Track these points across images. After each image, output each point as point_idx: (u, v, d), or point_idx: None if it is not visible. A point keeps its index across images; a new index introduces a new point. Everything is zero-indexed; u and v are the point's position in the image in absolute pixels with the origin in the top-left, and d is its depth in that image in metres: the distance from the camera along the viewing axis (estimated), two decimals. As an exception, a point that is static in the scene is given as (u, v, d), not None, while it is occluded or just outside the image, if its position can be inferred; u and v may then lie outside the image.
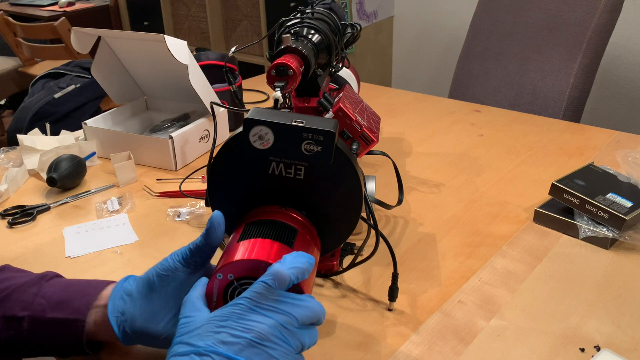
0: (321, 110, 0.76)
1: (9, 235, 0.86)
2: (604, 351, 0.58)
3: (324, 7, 0.83)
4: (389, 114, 1.31)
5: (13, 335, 0.55)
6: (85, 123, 1.10)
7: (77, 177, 0.99)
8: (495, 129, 1.19)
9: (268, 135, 0.53)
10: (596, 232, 0.77)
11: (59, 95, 1.95)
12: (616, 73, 2.08)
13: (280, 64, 0.66)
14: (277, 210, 0.56)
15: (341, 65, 0.87)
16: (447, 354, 0.60)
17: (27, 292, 0.57)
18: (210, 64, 1.17)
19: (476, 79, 1.73)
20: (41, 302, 0.56)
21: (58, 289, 0.58)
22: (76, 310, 0.55)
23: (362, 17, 2.49)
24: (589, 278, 0.71)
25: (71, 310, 0.55)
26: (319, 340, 0.61)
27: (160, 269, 0.55)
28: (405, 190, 0.94)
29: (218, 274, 0.49)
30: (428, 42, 2.63)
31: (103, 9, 3.52)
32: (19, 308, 0.56)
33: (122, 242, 0.83)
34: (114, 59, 1.18)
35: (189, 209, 0.89)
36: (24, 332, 0.55)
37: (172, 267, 0.55)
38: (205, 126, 1.11)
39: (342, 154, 0.54)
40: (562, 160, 1.03)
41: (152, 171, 1.05)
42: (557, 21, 1.55)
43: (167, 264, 0.55)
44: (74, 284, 0.59)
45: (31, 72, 2.82)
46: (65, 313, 0.55)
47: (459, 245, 0.79)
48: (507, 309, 0.66)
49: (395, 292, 0.65)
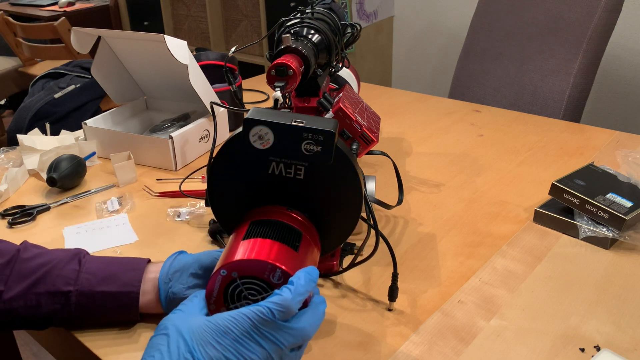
0: (321, 110, 0.76)
1: (9, 235, 0.86)
2: (604, 351, 0.58)
3: (324, 7, 0.83)
4: (389, 114, 1.31)
5: (59, 308, 0.60)
6: (85, 123, 1.10)
7: (77, 177, 0.99)
8: (495, 129, 1.19)
9: (268, 135, 0.53)
10: (596, 232, 0.77)
11: (59, 95, 1.95)
12: (616, 73, 2.08)
13: (280, 64, 0.66)
14: (278, 210, 0.56)
15: (341, 65, 0.87)
16: (447, 354, 0.60)
17: (66, 268, 0.61)
18: (210, 64, 1.17)
19: (476, 79, 1.73)
20: (87, 277, 0.61)
21: (100, 265, 0.62)
22: (128, 284, 0.61)
23: (362, 17, 2.49)
24: (589, 278, 0.71)
25: (122, 283, 0.61)
26: (319, 340, 0.62)
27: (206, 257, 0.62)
28: (405, 190, 0.94)
29: (222, 270, 0.49)
30: (428, 42, 2.63)
31: (103, 9, 3.52)
32: (62, 283, 0.60)
33: (122, 242, 0.83)
34: (114, 59, 1.18)
35: (189, 209, 0.89)
36: (72, 305, 0.60)
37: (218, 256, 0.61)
38: (205, 126, 1.11)
39: (342, 154, 0.54)
40: (562, 160, 1.03)
41: (152, 171, 1.05)
42: (557, 21, 1.55)
43: (214, 254, 0.62)
44: (115, 261, 0.64)
45: (31, 72, 2.82)
46: (116, 287, 0.61)
47: (459, 245, 0.79)
48: (507, 309, 0.66)
49: (395, 292, 0.65)
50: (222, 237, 0.81)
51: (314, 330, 0.49)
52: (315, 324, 0.49)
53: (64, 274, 0.60)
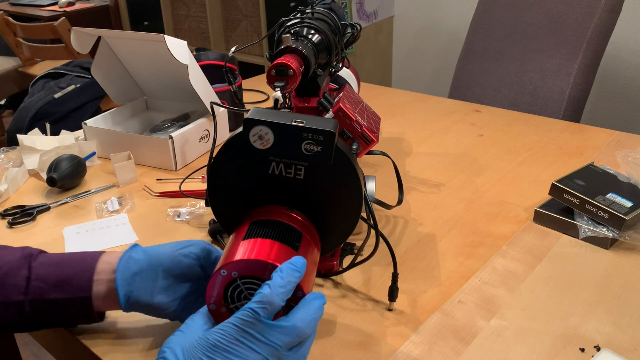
0: (321, 110, 0.76)
1: (9, 235, 0.86)
2: (604, 351, 0.58)
3: (324, 7, 0.83)
4: (389, 114, 1.31)
5: (16, 317, 0.58)
6: (85, 123, 1.10)
7: (77, 177, 0.99)
8: (495, 129, 1.19)
9: (268, 135, 0.53)
10: (596, 232, 0.77)
11: (59, 95, 1.95)
12: (616, 73, 2.08)
13: (280, 64, 0.66)
14: (278, 210, 0.56)
15: (341, 65, 0.87)
16: (447, 354, 0.60)
17: (17, 276, 0.58)
18: (210, 64, 1.17)
19: (476, 79, 1.73)
20: (38, 285, 0.58)
21: (51, 269, 0.59)
22: (78, 289, 0.58)
23: (362, 17, 2.49)
24: (589, 278, 0.71)
25: (73, 289, 0.58)
26: (319, 340, 0.61)
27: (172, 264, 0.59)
28: (405, 190, 0.94)
29: (222, 270, 0.49)
30: (428, 42, 2.63)
31: (103, 9, 3.52)
32: (14, 293, 0.58)
33: (122, 242, 0.83)
34: (114, 59, 1.18)
35: (189, 209, 0.89)
36: (27, 314, 0.58)
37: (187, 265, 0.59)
38: (205, 126, 1.11)
39: (342, 154, 0.54)
40: (562, 160, 1.03)
41: (152, 171, 1.05)
42: (557, 21, 1.55)
43: (182, 263, 0.59)
44: (65, 262, 0.60)
45: (31, 72, 2.82)
46: (68, 293, 0.58)
47: (459, 245, 0.79)
48: (507, 309, 0.66)
49: (395, 292, 0.65)
50: (222, 237, 0.81)
51: (309, 326, 0.48)
52: (308, 320, 0.48)
53: (15, 282, 0.58)
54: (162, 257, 0.59)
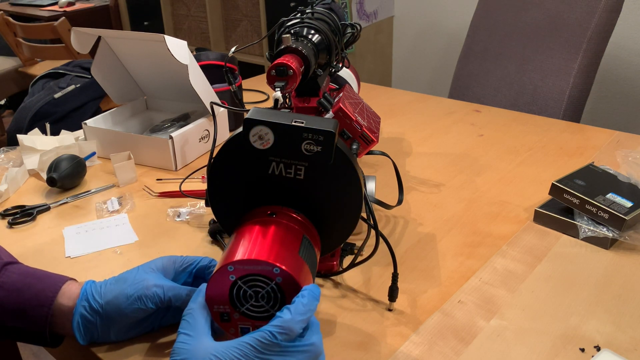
0: (321, 110, 0.76)
1: (9, 235, 0.86)
2: (604, 351, 0.58)
3: (324, 7, 0.83)
4: (389, 114, 1.31)
5: None
6: (85, 123, 1.10)
7: (77, 177, 0.99)
8: (495, 129, 1.19)
9: (268, 135, 0.53)
10: (596, 232, 0.77)
11: (59, 95, 1.95)
12: (616, 73, 2.08)
13: (280, 64, 0.66)
14: (279, 210, 0.56)
15: (341, 65, 0.87)
16: (447, 354, 0.60)
17: None
18: (210, 64, 1.17)
19: (476, 79, 1.73)
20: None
21: (8, 293, 0.59)
22: (33, 323, 0.58)
23: (362, 17, 2.49)
24: (589, 278, 0.71)
25: (29, 322, 0.58)
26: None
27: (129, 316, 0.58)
28: (405, 190, 0.94)
29: (229, 266, 0.49)
30: (428, 42, 2.63)
31: (103, 9, 3.52)
32: None
33: (122, 242, 0.83)
34: (114, 59, 1.18)
35: (189, 209, 0.89)
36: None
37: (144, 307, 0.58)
38: (205, 126, 1.11)
39: (342, 154, 0.54)
40: (562, 160, 1.03)
41: (152, 171, 1.05)
42: (557, 21, 1.55)
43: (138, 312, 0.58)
44: (25, 288, 0.59)
45: (31, 72, 2.82)
46: (24, 323, 0.58)
47: (459, 245, 0.79)
48: (507, 309, 0.66)
49: (395, 292, 0.65)
50: (222, 237, 0.81)
51: (319, 342, 0.49)
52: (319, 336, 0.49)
53: None
54: (116, 315, 0.58)
